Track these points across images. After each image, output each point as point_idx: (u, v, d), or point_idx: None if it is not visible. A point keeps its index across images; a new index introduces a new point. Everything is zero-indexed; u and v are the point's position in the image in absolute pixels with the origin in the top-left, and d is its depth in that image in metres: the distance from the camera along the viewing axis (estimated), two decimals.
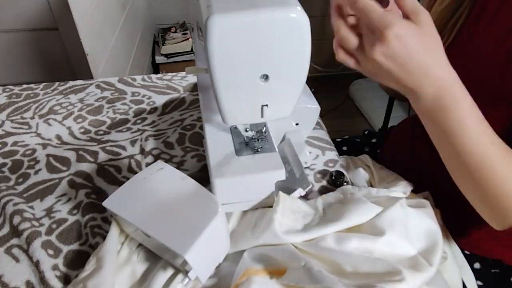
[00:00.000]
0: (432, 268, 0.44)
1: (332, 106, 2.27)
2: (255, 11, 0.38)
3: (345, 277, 0.43)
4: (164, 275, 0.46)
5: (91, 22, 1.15)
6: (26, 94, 0.88)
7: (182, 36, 2.11)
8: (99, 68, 1.17)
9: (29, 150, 0.71)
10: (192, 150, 0.70)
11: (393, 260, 0.45)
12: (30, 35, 1.09)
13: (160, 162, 0.53)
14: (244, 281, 0.43)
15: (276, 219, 0.47)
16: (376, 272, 0.43)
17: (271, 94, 0.45)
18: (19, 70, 1.15)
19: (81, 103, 0.84)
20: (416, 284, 0.42)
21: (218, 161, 0.51)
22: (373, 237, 0.46)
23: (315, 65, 2.45)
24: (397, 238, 0.46)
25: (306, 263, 0.43)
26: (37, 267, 0.50)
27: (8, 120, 0.79)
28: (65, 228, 0.56)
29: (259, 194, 0.53)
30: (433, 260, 0.45)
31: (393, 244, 0.46)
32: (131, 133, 0.75)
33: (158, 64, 2.06)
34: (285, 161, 0.58)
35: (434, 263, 0.44)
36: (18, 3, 1.03)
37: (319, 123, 0.76)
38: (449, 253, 0.50)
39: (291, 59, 0.42)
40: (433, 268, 0.44)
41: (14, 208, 0.57)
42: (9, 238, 0.54)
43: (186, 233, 0.44)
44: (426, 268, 0.44)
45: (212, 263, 0.47)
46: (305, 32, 0.40)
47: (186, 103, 0.83)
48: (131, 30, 1.69)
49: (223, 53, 0.40)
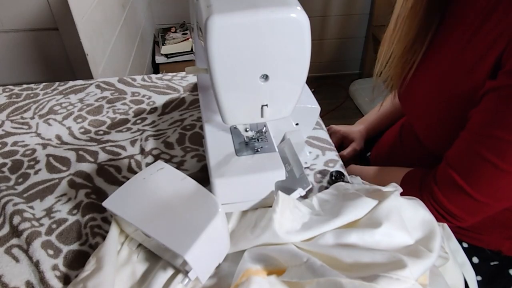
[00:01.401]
0: (433, 254, 0.44)
1: (332, 106, 2.27)
2: (255, 11, 0.38)
3: (347, 271, 0.43)
4: (164, 275, 0.46)
5: (91, 22, 1.15)
6: (26, 94, 0.88)
7: (182, 36, 2.11)
8: (99, 68, 1.17)
9: (29, 150, 0.71)
10: (192, 150, 0.70)
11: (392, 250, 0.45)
12: (30, 35, 1.09)
13: (160, 162, 0.53)
14: (244, 281, 0.43)
15: (276, 219, 0.47)
16: (378, 263, 0.43)
17: (271, 94, 0.45)
18: (19, 70, 1.15)
19: (81, 103, 0.84)
20: (419, 270, 0.42)
21: (218, 161, 0.51)
22: (371, 230, 0.47)
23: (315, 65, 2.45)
24: (394, 228, 0.47)
25: (308, 259, 0.43)
26: (37, 267, 0.50)
27: (8, 120, 0.79)
28: (65, 228, 0.56)
29: (259, 194, 0.53)
30: (432, 246, 0.45)
31: (391, 235, 0.46)
32: (131, 133, 0.75)
33: (158, 64, 2.06)
34: (285, 161, 0.58)
35: (434, 249, 0.44)
36: (18, 3, 1.03)
37: (319, 123, 0.76)
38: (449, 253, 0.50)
39: (291, 59, 0.42)
40: (433, 254, 0.44)
41: (14, 208, 0.57)
42: (9, 238, 0.54)
43: (186, 233, 0.44)
44: (426, 254, 0.44)
45: (212, 263, 0.47)
46: (305, 32, 0.40)
47: (186, 103, 0.83)
48: (131, 30, 1.69)
49: (223, 53, 0.40)
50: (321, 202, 0.54)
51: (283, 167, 0.51)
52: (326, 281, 0.40)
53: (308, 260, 0.43)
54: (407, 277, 0.40)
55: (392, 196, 0.50)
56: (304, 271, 0.43)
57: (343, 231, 0.47)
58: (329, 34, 2.43)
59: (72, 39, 1.07)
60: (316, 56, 2.46)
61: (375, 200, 0.49)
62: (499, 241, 0.63)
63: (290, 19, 0.39)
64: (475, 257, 0.63)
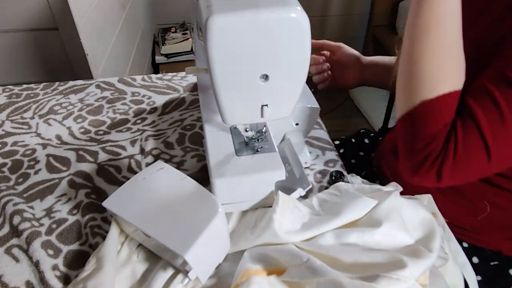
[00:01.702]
0: (433, 254, 0.44)
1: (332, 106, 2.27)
2: (255, 11, 0.38)
3: (347, 271, 0.43)
4: (164, 275, 0.46)
5: (91, 22, 1.15)
6: (26, 94, 0.88)
7: (182, 36, 2.11)
8: (99, 68, 1.17)
9: (29, 150, 0.71)
10: (192, 150, 0.70)
11: (392, 250, 0.45)
12: (30, 35, 1.09)
13: (160, 162, 0.53)
14: (244, 281, 0.43)
15: (276, 218, 0.47)
16: (378, 263, 0.43)
17: (271, 94, 0.45)
18: (19, 70, 1.15)
19: (81, 103, 0.84)
20: (419, 270, 0.42)
21: (218, 161, 0.51)
22: (371, 230, 0.47)
23: None
24: (394, 228, 0.47)
25: (309, 259, 0.43)
26: (37, 267, 0.50)
27: (8, 120, 0.79)
28: (65, 228, 0.56)
29: (259, 194, 0.53)
30: (432, 246, 0.45)
31: (391, 235, 0.46)
32: (131, 133, 0.75)
33: (158, 64, 2.06)
34: (285, 161, 0.58)
35: (433, 249, 0.44)
36: (18, 3, 1.03)
37: (319, 123, 0.76)
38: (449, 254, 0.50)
39: (291, 59, 0.42)
40: (433, 254, 0.44)
41: (14, 208, 0.57)
42: (9, 238, 0.54)
43: (186, 233, 0.43)
44: (426, 254, 0.44)
45: (212, 263, 0.47)
46: (305, 32, 0.40)
47: (186, 103, 0.83)
48: (131, 30, 1.69)
49: (223, 53, 0.40)
50: (321, 202, 0.54)
51: (283, 167, 0.51)
52: (326, 281, 0.40)
53: (308, 260, 0.43)
54: (407, 277, 0.40)
55: (392, 196, 0.50)
56: (304, 271, 0.43)
57: (343, 231, 0.47)
58: (329, 34, 2.43)
59: (72, 39, 1.07)
60: None
61: (375, 200, 0.49)
62: (499, 241, 0.63)
63: (290, 19, 0.39)
64: (475, 257, 0.63)
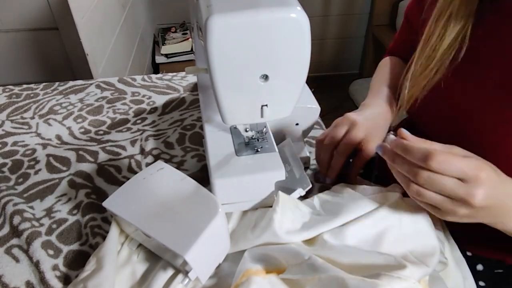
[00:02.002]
0: (428, 269, 0.44)
1: (332, 106, 2.27)
2: (255, 11, 0.38)
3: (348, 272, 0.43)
4: (164, 275, 0.46)
5: (91, 22, 1.15)
6: (26, 94, 0.88)
7: (182, 36, 2.11)
8: (99, 68, 1.17)
9: (29, 150, 0.71)
10: (192, 150, 0.70)
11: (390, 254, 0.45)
12: (30, 35, 1.09)
13: (160, 162, 0.53)
14: (244, 281, 0.43)
15: (276, 218, 0.47)
16: (378, 264, 0.43)
17: (271, 94, 0.45)
18: (19, 70, 1.15)
19: (81, 103, 0.84)
20: (418, 273, 0.42)
21: (218, 161, 0.51)
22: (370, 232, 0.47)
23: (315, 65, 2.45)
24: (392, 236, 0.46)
25: (310, 257, 0.43)
26: (37, 267, 0.50)
27: (8, 120, 0.79)
28: (65, 228, 0.56)
29: (259, 194, 0.52)
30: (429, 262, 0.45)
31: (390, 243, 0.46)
32: (131, 133, 0.75)
33: (158, 64, 2.06)
34: (285, 161, 0.58)
35: (430, 265, 0.44)
36: (18, 3, 1.03)
37: (319, 123, 0.76)
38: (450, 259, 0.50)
39: (291, 59, 0.42)
40: (429, 269, 0.44)
41: (14, 208, 0.57)
42: (9, 238, 0.54)
43: (186, 233, 0.43)
44: (422, 265, 0.44)
45: (212, 263, 0.47)
46: (305, 32, 0.40)
47: (186, 103, 0.83)
48: (131, 30, 1.69)
49: (223, 53, 0.40)
50: (322, 202, 0.53)
51: (283, 167, 0.51)
52: (327, 277, 0.40)
53: (309, 258, 0.43)
54: (408, 276, 0.40)
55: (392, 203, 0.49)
56: (305, 268, 0.43)
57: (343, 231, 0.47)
58: (329, 34, 2.43)
59: (72, 39, 1.07)
60: (316, 56, 2.46)
61: (375, 203, 0.49)
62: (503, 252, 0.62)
63: (290, 19, 0.39)
64: (479, 265, 0.62)
